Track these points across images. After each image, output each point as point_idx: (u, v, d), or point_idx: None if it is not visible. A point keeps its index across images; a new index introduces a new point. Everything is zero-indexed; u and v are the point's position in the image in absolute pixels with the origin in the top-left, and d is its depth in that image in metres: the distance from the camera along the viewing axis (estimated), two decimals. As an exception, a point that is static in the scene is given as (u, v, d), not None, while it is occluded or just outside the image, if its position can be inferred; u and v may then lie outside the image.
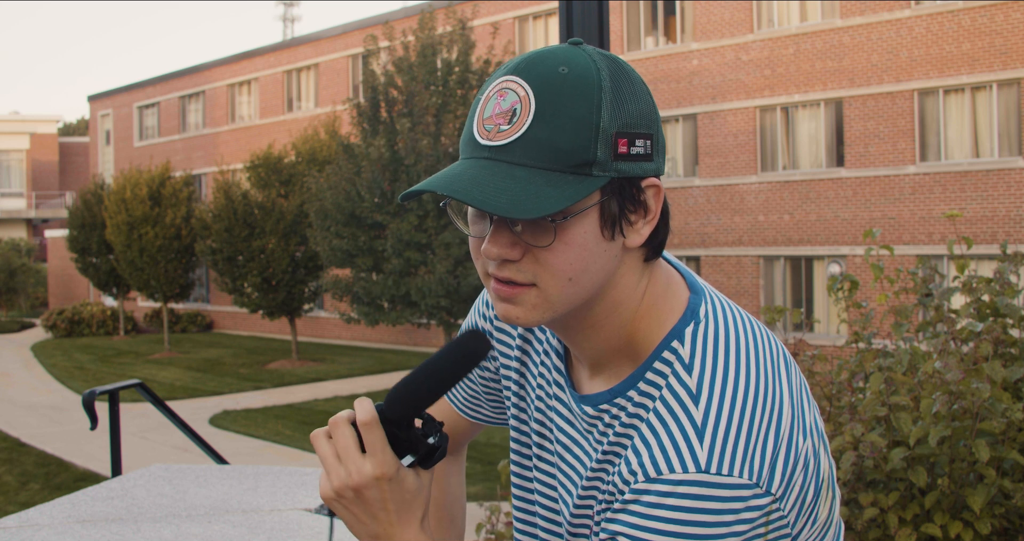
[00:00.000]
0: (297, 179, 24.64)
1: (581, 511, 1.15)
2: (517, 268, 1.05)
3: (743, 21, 22.06)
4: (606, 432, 1.12)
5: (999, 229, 18.43)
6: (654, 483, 1.01)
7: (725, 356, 1.08)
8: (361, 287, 18.76)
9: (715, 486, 0.99)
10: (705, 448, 1.01)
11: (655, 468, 1.02)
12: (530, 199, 0.99)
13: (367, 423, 1.06)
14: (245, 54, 34.71)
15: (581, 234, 1.03)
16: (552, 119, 1.01)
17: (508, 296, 1.06)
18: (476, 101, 1.08)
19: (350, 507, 1.09)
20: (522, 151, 1.01)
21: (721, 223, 22.27)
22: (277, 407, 18.73)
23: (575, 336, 1.12)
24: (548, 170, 1.01)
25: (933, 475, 3.03)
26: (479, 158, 1.04)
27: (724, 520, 0.99)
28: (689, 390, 1.06)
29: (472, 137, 1.06)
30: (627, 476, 1.04)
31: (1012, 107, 18.79)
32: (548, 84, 1.02)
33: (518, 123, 1.02)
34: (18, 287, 41.54)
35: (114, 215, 28.35)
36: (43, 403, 20.07)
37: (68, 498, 4.01)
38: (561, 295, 1.05)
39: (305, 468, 4.62)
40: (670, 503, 1.00)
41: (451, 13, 19.73)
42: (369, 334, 28.75)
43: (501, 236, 1.04)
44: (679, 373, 1.08)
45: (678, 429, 1.04)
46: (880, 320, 3.80)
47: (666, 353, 1.09)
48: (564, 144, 1.01)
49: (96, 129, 42.78)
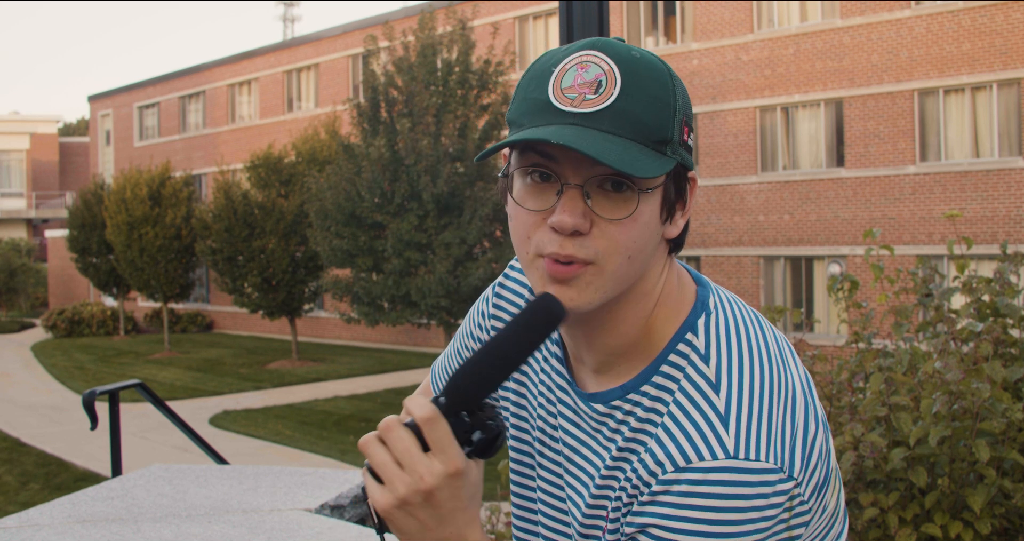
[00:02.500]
0: (297, 179, 24.64)
1: (594, 511, 1.14)
2: (582, 243, 1.03)
3: (743, 21, 22.06)
4: (618, 429, 1.11)
5: (999, 229, 18.42)
6: (684, 472, 1.01)
7: (739, 346, 1.09)
8: (361, 287, 18.75)
9: (745, 471, 1.00)
10: (731, 435, 1.02)
11: (684, 457, 1.02)
12: (635, 161, 1.00)
13: (430, 419, 0.98)
14: (245, 54, 34.71)
15: (648, 212, 1.04)
16: (637, 94, 1.02)
17: (564, 276, 1.04)
18: (540, 73, 1.07)
19: (416, 514, 0.99)
20: (611, 120, 1.02)
21: (721, 223, 22.27)
22: (277, 407, 18.73)
23: (593, 332, 1.11)
24: (635, 142, 1.02)
25: (933, 475, 3.03)
26: (564, 124, 1.03)
27: (756, 504, 1.00)
28: (709, 380, 1.07)
29: (548, 104, 1.04)
30: (653, 468, 1.04)
31: (1012, 107, 18.78)
32: (627, 62, 1.04)
33: (604, 93, 1.02)
34: (18, 287, 41.53)
35: (114, 215, 28.34)
36: (43, 403, 20.06)
37: (68, 498, 4.00)
38: (617, 273, 1.04)
39: (305, 468, 4.62)
40: (702, 491, 1.00)
41: (451, 13, 19.73)
42: (369, 334, 28.75)
43: (575, 205, 1.02)
44: (696, 364, 1.08)
45: (703, 418, 1.04)
46: (880, 320, 3.80)
47: (681, 345, 1.10)
48: (648, 119, 1.02)
49: (96, 129, 42.77)
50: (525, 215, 1.06)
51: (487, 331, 1.31)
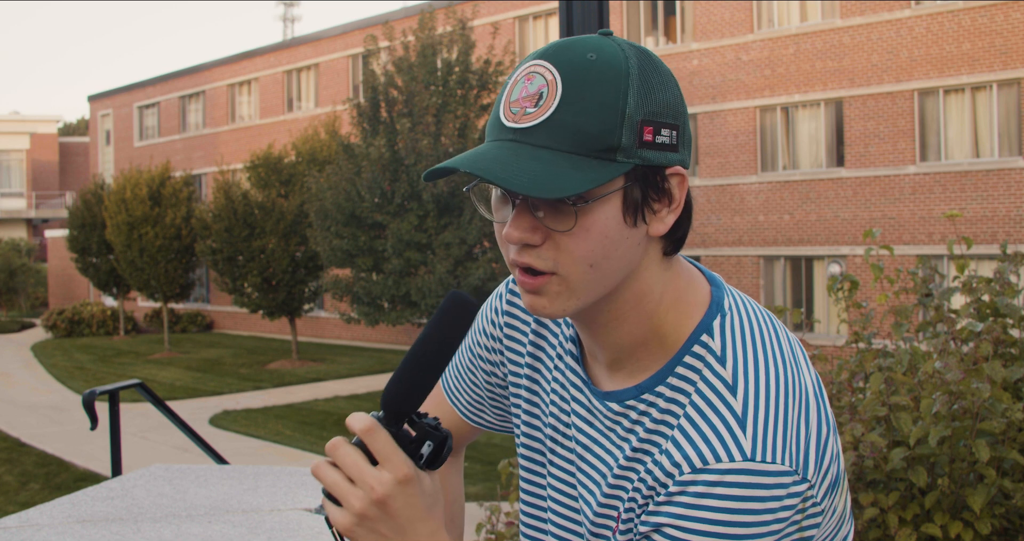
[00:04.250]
0: (297, 179, 24.63)
1: (606, 510, 1.14)
2: (537, 254, 1.04)
3: (743, 21, 22.05)
4: (633, 429, 1.12)
5: (999, 229, 18.42)
6: (701, 473, 1.02)
7: (754, 348, 1.09)
8: (361, 287, 18.75)
9: (761, 473, 1.01)
10: (748, 437, 1.03)
11: (701, 458, 1.03)
12: (552, 180, 0.99)
13: (368, 429, 0.99)
14: (245, 54, 34.70)
15: (602, 220, 1.03)
16: (578, 103, 1.01)
17: (532, 287, 1.05)
18: (504, 86, 1.08)
19: (377, 528, 0.99)
20: (547, 134, 1.01)
21: (721, 223, 22.27)
22: (277, 407, 18.72)
23: (599, 330, 1.12)
24: (572, 154, 1.01)
25: (933, 475, 3.03)
26: (504, 140, 1.03)
27: (770, 507, 1.01)
28: (725, 382, 1.07)
29: (498, 120, 1.05)
30: (670, 469, 1.04)
31: (1012, 107, 18.78)
32: (576, 69, 1.02)
33: (544, 106, 1.02)
34: (18, 287, 41.53)
35: (114, 215, 28.34)
36: (43, 403, 20.06)
37: (68, 498, 4.00)
38: (582, 282, 1.04)
39: (305, 468, 4.62)
40: (718, 492, 1.01)
41: (451, 13, 19.72)
42: (369, 334, 28.74)
43: (523, 219, 1.03)
44: (713, 366, 1.08)
45: (719, 420, 1.05)
46: (880, 320, 3.80)
47: (696, 347, 1.10)
48: (589, 128, 1.01)
49: (96, 129, 42.76)
50: (496, 225, 1.09)
51: (500, 328, 1.31)
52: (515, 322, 1.30)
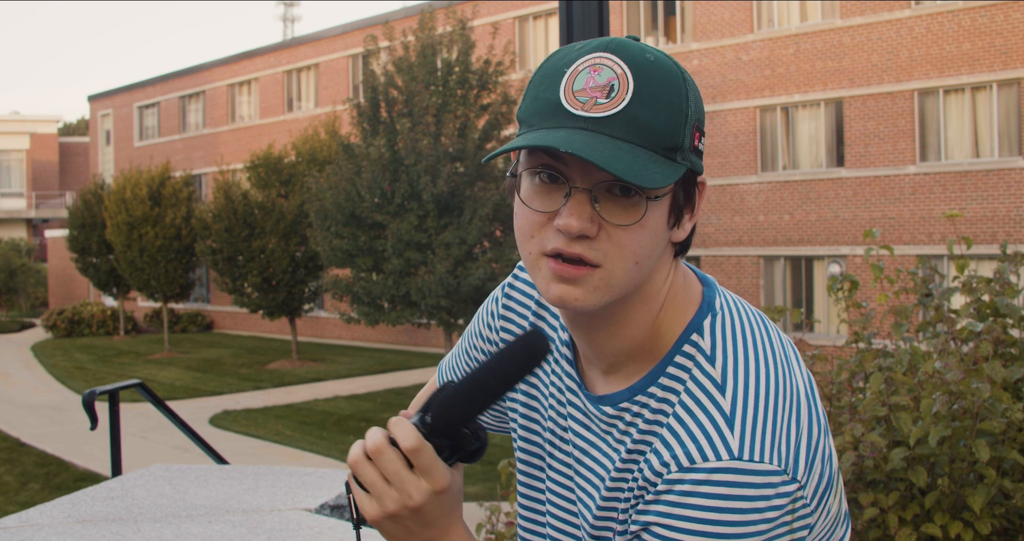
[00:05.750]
0: (297, 179, 24.63)
1: (605, 514, 1.14)
2: (590, 246, 1.03)
3: (743, 21, 22.05)
4: (628, 431, 1.11)
5: (999, 229, 18.42)
6: (688, 472, 1.02)
7: (744, 348, 1.09)
8: (361, 287, 18.75)
9: (748, 473, 1.00)
10: (736, 436, 1.02)
11: (688, 457, 1.03)
12: (643, 170, 1.00)
13: (415, 449, 1.03)
14: (245, 54, 34.70)
15: (656, 218, 1.05)
16: (650, 100, 1.02)
17: (571, 277, 1.04)
18: (553, 72, 1.06)
19: (404, 523, 1.06)
20: (622, 126, 1.01)
21: (721, 223, 22.27)
22: (277, 407, 18.72)
23: (599, 334, 1.12)
24: (645, 148, 1.02)
25: (933, 475, 3.03)
26: (575, 128, 1.02)
27: (757, 506, 1.00)
28: (714, 381, 1.07)
29: (559, 106, 1.04)
30: (659, 468, 1.04)
31: (1012, 107, 18.78)
32: (641, 66, 1.03)
33: (616, 98, 1.02)
34: (18, 287, 41.53)
35: (114, 215, 28.34)
36: (43, 403, 20.06)
37: (68, 498, 4.00)
38: (624, 278, 1.05)
39: (305, 468, 4.62)
40: (704, 491, 1.01)
41: (451, 13, 19.72)
42: (369, 334, 28.74)
43: (584, 209, 1.02)
44: (702, 365, 1.08)
45: (707, 419, 1.04)
46: (880, 320, 3.80)
47: (687, 347, 1.10)
48: (659, 125, 1.02)
49: (96, 129, 42.76)
50: (531, 214, 1.06)
51: (497, 331, 1.31)
52: (511, 326, 1.30)
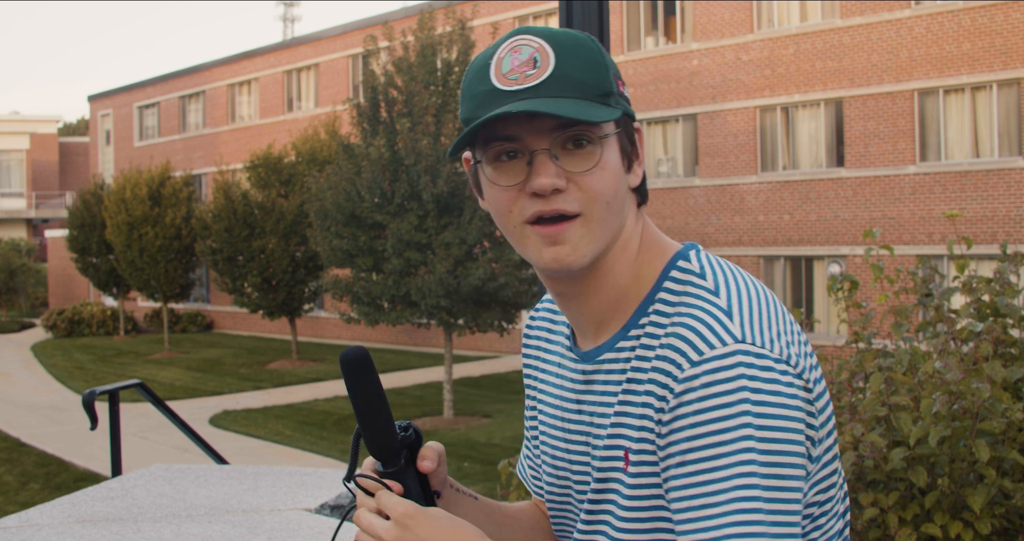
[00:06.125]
0: (297, 179, 24.63)
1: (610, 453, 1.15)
2: (564, 198, 1.11)
3: (743, 21, 22.05)
4: (626, 367, 1.15)
5: (999, 229, 18.42)
6: (701, 364, 1.05)
7: (730, 270, 1.16)
8: (361, 287, 18.74)
9: (758, 356, 1.05)
10: (737, 324, 1.07)
11: (696, 351, 1.06)
12: (588, 111, 1.09)
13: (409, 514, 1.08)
14: (245, 54, 34.70)
15: (613, 158, 1.13)
16: (571, 60, 1.12)
17: (556, 234, 1.11)
18: (479, 70, 1.15)
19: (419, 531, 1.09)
20: (555, 86, 1.10)
21: (721, 223, 22.27)
22: (277, 407, 18.73)
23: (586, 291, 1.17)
24: (581, 99, 1.11)
25: (933, 475, 3.03)
26: (515, 101, 1.11)
27: (775, 388, 1.04)
28: (708, 289, 1.12)
29: (495, 90, 1.12)
30: (672, 371, 1.07)
31: (1012, 107, 18.78)
32: (554, 36, 1.13)
33: (542, 66, 1.11)
34: (18, 287, 41.52)
35: (114, 215, 28.34)
36: (43, 403, 20.06)
37: (68, 498, 4.00)
38: (602, 220, 1.12)
39: (305, 468, 4.62)
40: (723, 376, 1.03)
41: (451, 13, 19.72)
42: (369, 334, 28.74)
43: (549, 167, 1.10)
44: (694, 281, 1.14)
45: (708, 315, 1.09)
46: (880, 320, 3.80)
47: (674, 272, 1.16)
48: (587, 79, 1.11)
49: (96, 129, 42.77)
50: (502, 191, 1.14)
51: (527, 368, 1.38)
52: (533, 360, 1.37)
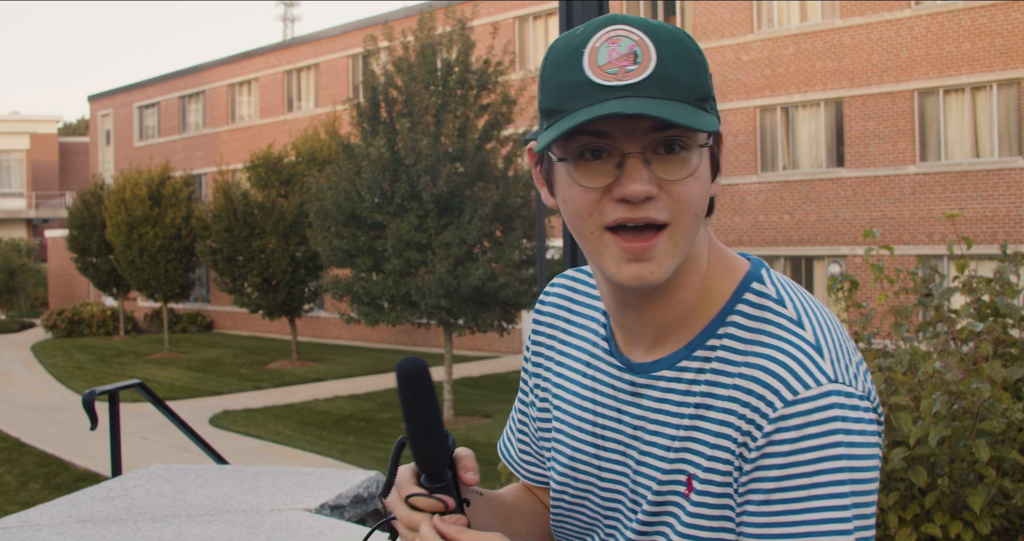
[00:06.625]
0: (297, 179, 24.63)
1: (672, 477, 1.12)
2: (655, 206, 1.04)
3: (743, 21, 22.05)
4: (690, 390, 1.11)
5: (999, 229, 18.42)
6: (795, 404, 1.02)
7: (806, 300, 1.12)
8: (361, 287, 18.74)
9: (847, 394, 1.03)
10: (828, 362, 1.04)
11: (791, 390, 1.02)
12: (696, 118, 1.02)
13: None
14: (245, 54, 34.70)
15: (704, 169, 1.07)
16: (672, 58, 1.04)
17: (642, 251, 1.05)
18: (568, 57, 1.06)
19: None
20: (656, 86, 1.03)
21: (721, 223, 22.27)
22: (277, 407, 18.72)
23: (650, 305, 1.12)
24: (683, 102, 1.03)
25: (933, 475, 3.03)
26: (615, 98, 1.03)
27: (863, 428, 1.02)
28: (791, 319, 1.08)
29: (590, 83, 1.04)
30: (762, 408, 1.03)
31: (1012, 107, 18.78)
32: (654, 29, 1.06)
33: (643, 62, 1.03)
34: (18, 287, 41.51)
35: (114, 215, 28.34)
36: (43, 403, 20.06)
37: (68, 498, 4.00)
38: (688, 233, 1.06)
39: (305, 468, 4.62)
40: (819, 417, 1.01)
41: (451, 13, 19.71)
42: (369, 334, 28.74)
43: (641, 173, 1.03)
44: (773, 307, 1.09)
45: (799, 351, 1.05)
46: (880, 320, 3.80)
47: (748, 295, 1.11)
48: (688, 80, 1.04)
49: (96, 129, 42.76)
50: (584, 193, 1.06)
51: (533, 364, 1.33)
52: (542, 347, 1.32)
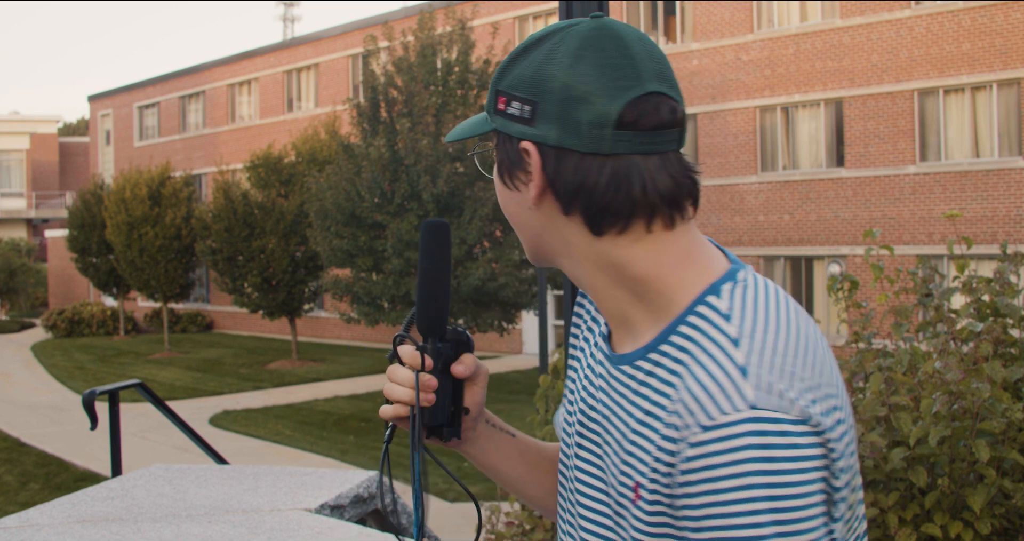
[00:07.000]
0: (297, 179, 24.63)
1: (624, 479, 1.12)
2: None
3: (743, 21, 22.05)
4: (640, 391, 1.11)
5: (999, 229, 18.42)
6: (709, 431, 1.00)
7: (764, 315, 1.08)
8: (361, 287, 18.75)
9: (770, 420, 0.99)
10: (751, 386, 1.01)
11: (707, 415, 1.01)
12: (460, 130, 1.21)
13: None
14: (245, 54, 34.70)
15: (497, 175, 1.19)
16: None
17: None
18: None
19: None
20: None
21: (721, 223, 22.27)
22: (277, 407, 18.72)
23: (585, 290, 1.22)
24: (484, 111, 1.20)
25: (933, 475, 3.03)
26: None
27: (792, 454, 0.98)
28: (730, 338, 1.05)
29: None
30: (685, 434, 1.02)
31: (1012, 107, 18.78)
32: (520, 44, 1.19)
33: None
34: (18, 287, 41.51)
35: (114, 215, 28.34)
36: (43, 403, 20.06)
37: (68, 498, 4.01)
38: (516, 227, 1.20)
39: (305, 468, 4.62)
40: (728, 447, 0.99)
41: (451, 13, 19.72)
42: (369, 334, 28.74)
43: None
44: (718, 323, 1.07)
45: (722, 371, 1.03)
46: (880, 320, 3.80)
47: (700, 307, 1.09)
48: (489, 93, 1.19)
49: (96, 129, 42.77)
50: None
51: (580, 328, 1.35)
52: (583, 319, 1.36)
